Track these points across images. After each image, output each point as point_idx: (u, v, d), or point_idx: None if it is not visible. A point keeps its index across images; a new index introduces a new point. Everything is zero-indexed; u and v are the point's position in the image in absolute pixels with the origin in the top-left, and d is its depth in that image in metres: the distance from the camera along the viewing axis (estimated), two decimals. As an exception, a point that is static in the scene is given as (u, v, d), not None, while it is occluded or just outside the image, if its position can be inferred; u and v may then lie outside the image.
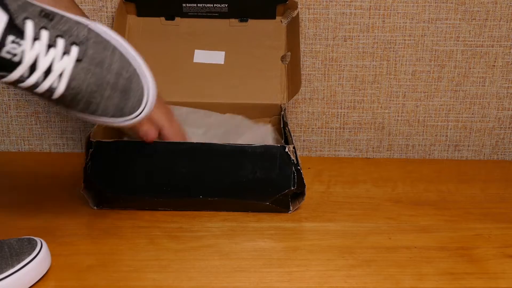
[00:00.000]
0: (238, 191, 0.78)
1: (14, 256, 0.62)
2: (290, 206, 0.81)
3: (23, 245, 0.64)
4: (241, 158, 0.77)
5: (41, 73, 0.56)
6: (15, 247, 0.64)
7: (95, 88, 0.60)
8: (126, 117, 0.64)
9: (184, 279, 0.65)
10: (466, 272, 0.67)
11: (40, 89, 0.57)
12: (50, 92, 0.58)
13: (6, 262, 0.62)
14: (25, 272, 0.62)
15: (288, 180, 0.78)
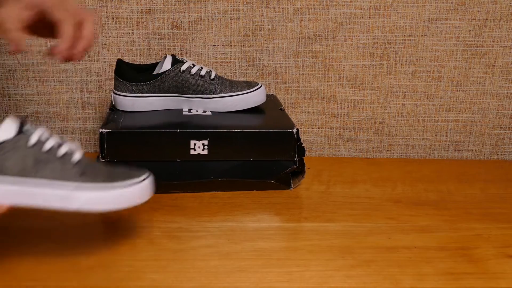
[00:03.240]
0: (246, 171, 0.86)
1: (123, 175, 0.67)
2: (292, 184, 0.87)
3: (132, 170, 0.69)
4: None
5: None
6: (125, 170, 0.69)
7: None
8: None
9: (184, 279, 0.65)
10: (466, 272, 0.67)
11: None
12: None
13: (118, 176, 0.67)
14: (132, 190, 0.67)
15: (291, 160, 0.86)
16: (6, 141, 0.64)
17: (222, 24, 0.99)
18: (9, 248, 0.70)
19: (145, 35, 0.99)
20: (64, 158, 0.65)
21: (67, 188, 0.64)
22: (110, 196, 0.66)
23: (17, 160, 0.63)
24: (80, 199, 0.64)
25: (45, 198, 0.64)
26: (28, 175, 0.63)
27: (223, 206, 0.82)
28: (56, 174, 0.64)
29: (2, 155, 0.63)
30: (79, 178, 0.65)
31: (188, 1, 0.98)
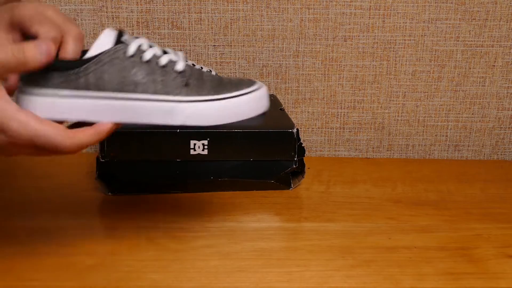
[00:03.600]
0: (246, 171, 0.85)
1: (234, 85, 0.62)
2: (292, 184, 0.87)
3: (243, 81, 0.64)
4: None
5: None
6: (234, 80, 0.64)
7: None
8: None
9: (184, 279, 0.65)
10: (466, 272, 0.67)
11: None
12: None
13: (226, 87, 0.62)
14: (240, 100, 0.62)
15: (290, 160, 0.86)
16: (104, 52, 0.58)
17: (222, 24, 0.99)
18: (9, 248, 0.70)
19: (145, 35, 0.99)
20: (166, 68, 0.60)
21: (170, 101, 0.59)
22: (217, 109, 0.60)
23: (116, 73, 0.58)
24: (184, 113, 0.59)
25: (147, 113, 0.59)
26: (128, 89, 0.59)
27: (223, 206, 0.82)
28: (158, 87, 0.59)
29: (99, 67, 0.58)
30: (183, 90, 0.60)
31: (188, 1, 0.98)
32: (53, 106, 0.58)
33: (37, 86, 0.58)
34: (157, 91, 0.59)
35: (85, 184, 0.88)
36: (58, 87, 0.58)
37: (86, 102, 0.58)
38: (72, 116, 0.58)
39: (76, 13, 0.97)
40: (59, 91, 0.58)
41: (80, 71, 0.58)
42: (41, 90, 0.58)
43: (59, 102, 0.58)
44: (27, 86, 0.58)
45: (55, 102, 0.58)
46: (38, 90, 0.58)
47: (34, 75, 0.57)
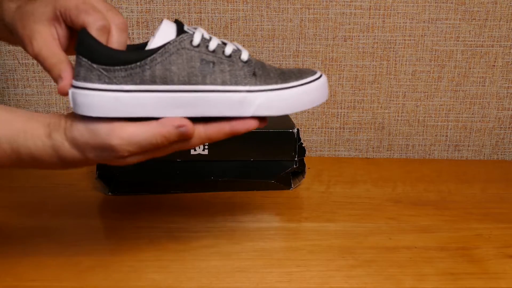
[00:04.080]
0: (246, 171, 0.86)
1: (297, 74, 0.60)
2: (292, 184, 0.87)
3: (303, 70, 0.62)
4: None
5: None
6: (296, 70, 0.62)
7: None
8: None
9: (184, 280, 0.65)
10: (466, 272, 0.67)
11: None
12: None
13: (290, 76, 0.60)
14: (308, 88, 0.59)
15: (291, 160, 0.86)
16: (170, 42, 0.55)
17: (222, 24, 0.99)
18: (10, 248, 0.70)
19: (145, 35, 0.99)
20: (232, 58, 0.57)
21: (240, 92, 0.57)
22: (286, 98, 0.58)
23: (183, 64, 0.55)
24: (254, 103, 0.57)
25: (216, 106, 0.56)
26: (196, 81, 0.56)
27: (223, 206, 0.82)
28: (226, 77, 0.57)
29: (166, 58, 0.55)
30: (251, 80, 0.57)
31: (188, 1, 0.98)
32: (117, 102, 0.54)
33: (97, 82, 0.54)
34: (225, 82, 0.56)
35: (85, 184, 0.88)
36: (121, 82, 0.54)
37: (152, 96, 0.55)
38: (137, 112, 0.55)
39: (76, 13, 0.97)
40: (123, 86, 0.55)
41: (145, 63, 0.54)
42: (102, 86, 0.54)
43: (123, 98, 0.55)
44: (85, 82, 0.54)
45: (119, 98, 0.54)
46: (99, 85, 0.54)
47: (93, 71, 0.54)
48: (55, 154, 0.56)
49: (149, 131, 0.54)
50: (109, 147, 0.54)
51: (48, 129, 0.56)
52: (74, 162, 0.57)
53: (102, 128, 0.54)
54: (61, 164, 0.58)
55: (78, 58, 0.55)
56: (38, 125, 0.57)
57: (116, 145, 0.54)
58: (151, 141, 0.55)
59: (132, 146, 0.54)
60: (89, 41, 0.54)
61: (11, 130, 0.56)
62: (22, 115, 0.58)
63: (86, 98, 0.54)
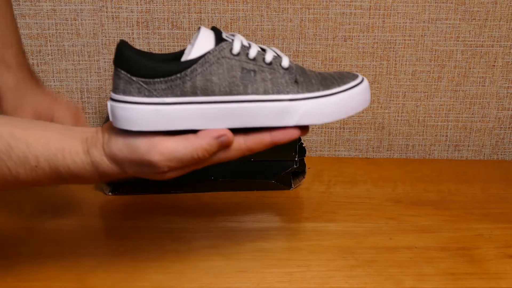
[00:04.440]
0: (246, 171, 0.86)
1: (338, 79, 0.58)
2: (292, 184, 0.87)
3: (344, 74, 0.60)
4: None
5: None
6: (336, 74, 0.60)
7: None
8: None
9: (185, 280, 0.65)
10: (466, 272, 0.67)
11: None
12: None
13: (332, 82, 0.58)
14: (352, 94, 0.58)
15: (291, 160, 0.86)
16: (209, 51, 0.53)
17: (222, 24, 0.99)
18: (10, 248, 0.70)
19: (145, 35, 0.99)
20: (273, 65, 0.56)
21: (283, 101, 0.55)
22: (330, 105, 0.56)
23: (224, 74, 0.53)
24: (297, 112, 0.55)
25: (259, 116, 0.54)
26: (237, 91, 0.54)
27: (223, 206, 0.82)
28: (268, 86, 0.55)
29: (207, 69, 0.53)
30: (293, 87, 0.56)
31: (188, 1, 0.98)
32: (157, 116, 0.53)
33: (137, 95, 0.53)
34: (267, 91, 0.55)
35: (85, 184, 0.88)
36: (161, 95, 0.53)
37: (194, 108, 0.54)
38: (178, 125, 0.54)
39: (76, 13, 0.97)
40: (163, 98, 0.53)
41: (186, 74, 0.53)
42: (142, 99, 0.53)
43: (163, 111, 0.53)
44: (125, 95, 0.53)
45: (160, 111, 0.53)
46: (139, 98, 0.53)
47: (132, 83, 0.53)
48: (95, 170, 0.56)
49: (189, 145, 0.53)
50: (149, 163, 0.53)
51: (85, 145, 0.56)
52: (113, 176, 0.57)
53: (142, 144, 0.53)
54: (100, 179, 0.57)
55: (116, 70, 0.53)
56: (75, 142, 0.56)
57: (157, 161, 0.53)
58: (192, 155, 0.54)
59: (172, 162, 0.54)
60: (128, 53, 0.53)
61: (49, 150, 0.55)
62: (57, 131, 0.57)
63: (125, 111, 0.53)
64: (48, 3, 0.96)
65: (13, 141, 0.54)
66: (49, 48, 0.99)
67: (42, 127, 0.57)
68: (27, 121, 0.58)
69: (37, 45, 0.99)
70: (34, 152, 0.54)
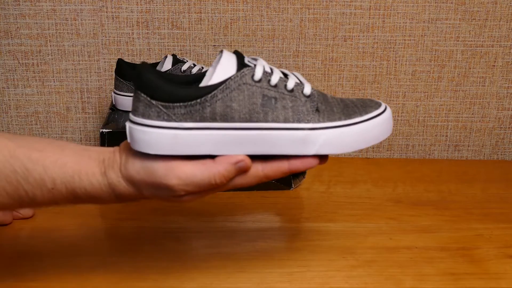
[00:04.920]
0: None
1: (361, 107, 0.57)
2: (292, 184, 0.87)
3: (367, 101, 0.59)
4: None
5: None
6: (358, 101, 0.59)
7: None
8: None
9: (185, 280, 0.65)
10: (467, 272, 0.67)
11: None
12: None
13: (354, 110, 0.57)
14: (374, 123, 0.57)
15: None
16: (231, 77, 0.53)
17: (222, 24, 0.99)
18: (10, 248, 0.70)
19: (145, 35, 0.99)
20: (295, 92, 0.55)
21: (303, 130, 0.54)
22: (351, 135, 0.55)
23: (245, 100, 0.53)
24: (317, 142, 0.54)
25: (278, 144, 0.54)
26: (257, 119, 0.53)
27: (223, 206, 0.82)
28: (289, 114, 0.54)
29: (227, 95, 0.53)
30: (314, 116, 0.55)
31: (188, 1, 0.97)
32: (176, 140, 0.53)
33: (156, 119, 0.53)
34: (287, 119, 0.54)
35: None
36: (180, 119, 0.53)
37: (213, 134, 0.53)
38: (196, 150, 0.53)
39: (76, 13, 0.97)
40: (182, 123, 0.53)
41: (206, 100, 0.53)
42: (161, 123, 0.53)
43: (182, 135, 0.53)
44: (144, 118, 0.53)
45: (178, 136, 0.53)
46: (158, 122, 0.53)
47: (152, 107, 0.53)
48: (112, 192, 0.56)
49: (207, 170, 0.53)
50: (166, 187, 0.53)
51: (102, 167, 0.55)
52: (130, 198, 0.57)
53: (160, 168, 0.53)
54: (117, 200, 0.57)
55: (136, 93, 0.53)
56: (92, 164, 0.56)
57: (174, 185, 0.53)
58: (210, 180, 0.53)
59: (189, 186, 0.53)
60: (148, 76, 0.53)
61: (66, 172, 0.55)
62: (73, 152, 0.56)
63: (144, 135, 0.53)
64: (48, 3, 0.96)
65: (31, 164, 0.54)
66: (49, 48, 0.99)
67: (59, 148, 0.57)
68: (44, 143, 0.57)
69: (37, 45, 0.99)
70: (51, 174, 0.54)
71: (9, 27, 0.97)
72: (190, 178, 0.53)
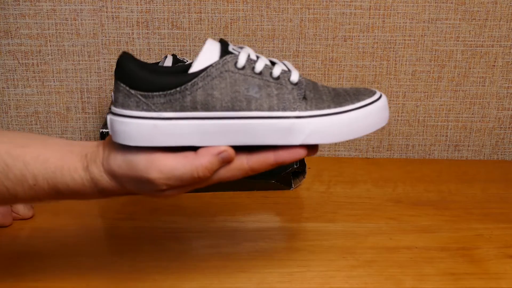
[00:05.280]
0: None
1: (353, 96, 0.55)
2: (292, 184, 0.87)
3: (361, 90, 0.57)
4: None
5: None
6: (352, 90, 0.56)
7: None
8: None
9: (185, 280, 0.65)
10: (467, 272, 0.67)
11: None
12: None
13: (345, 98, 0.54)
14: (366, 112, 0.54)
15: None
16: (212, 65, 0.51)
17: (222, 24, 0.99)
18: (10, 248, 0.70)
19: (145, 35, 0.99)
20: (281, 80, 0.53)
21: (288, 118, 0.52)
22: (340, 124, 0.53)
23: (227, 88, 0.51)
24: (304, 131, 0.52)
25: (262, 134, 0.52)
26: (240, 107, 0.52)
27: (223, 206, 0.82)
28: (273, 102, 0.52)
29: (208, 83, 0.51)
30: (301, 104, 0.53)
31: (188, 1, 0.97)
32: (155, 131, 0.51)
33: (135, 109, 0.51)
34: (272, 107, 0.52)
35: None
36: (160, 109, 0.51)
37: (194, 123, 0.52)
38: (177, 141, 0.52)
39: (76, 13, 0.97)
40: (162, 113, 0.51)
41: (186, 88, 0.51)
42: (140, 113, 0.52)
43: (162, 126, 0.51)
44: (123, 109, 0.52)
45: (158, 126, 0.51)
46: (137, 113, 0.52)
47: (131, 97, 0.51)
48: (94, 187, 0.55)
49: (189, 164, 0.51)
50: (148, 181, 0.52)
51: (85, 161, 0.55)
52: (114, 193, 0.56)
53: (141, 161, 0.52)
54: (101, 195, 0.56)
55: (116, 83, 0.52)
56: (74, 158, 0.55)
57: (155, 179, 0.52)
58: (192, 174, 0.52)
59: (171, 180, 0.52)
60: (128, 65, 0.52)
61: (47, 168, 0.54)
62: (56, 147, 0.56)
63: (123, 126, 0.52)
64: (48, 3, 0.96)
65: (11, 160, 0.53)
66: (49, 48, 0.99)
67: (42, 143, 0.56)
68: (27, 138, 0.56)
69: (37, 45, 0.99)
70: (32, 170, 0.54)
71: (9, 27, 0.97)
72: (172, 171, 0.52)
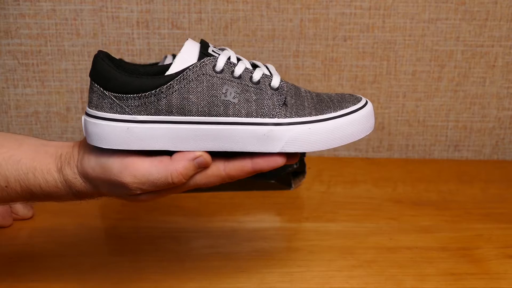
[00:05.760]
0: None
1: (337, 103, 0.53)
2: (292, 184, 0.87)
3: (347, 96, 0.55)
4: None
5: None
6: (338, 96, 0.55)
7: None
8: None
9: (185, 280, 0.65)
10: (467, 272, 0.67)
11: None
12: None
13: (328, 105, 0.53)
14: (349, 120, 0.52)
15: None
16: (189, 67, 0.50)
17: (222, 24, 0.99)
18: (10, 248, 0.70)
19: (145, 35, 0.99)
20: (260, 85, 0.51)
21: (267, 124, 0.51)
22: (321, 132, 0.51)
23: (203, 93, 0.50)
24: (283, 138, 0.51)
25: (239, 140, 0.51)
26: (216, 112, 0.50)
27: (223, 206, 0.82)
28: (252, 108, 0.51)
29: (184, 86, 0.50)
30: (280, 110, 0.51)
31: (188, 1, 0.97)
32: (129, 134, 0.50)
33: (109, 111, 0.50)
34: (250, 113, 0.51)
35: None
36: (134, 112, 0.50)
37: (168, 128, 0.50)
38: (151, 145, 0.51)
39: (76, 13, 0.97)
40: (136, 116, 0.50)
41: (161, 91, 0.50)
42: (113, 115, 0.50)
43: (135, 129, 0.50)
44: (97, 110, 0.51)
45: (131, 129, 0.50)
46: (111, 115, 0.50)
47: (105, 98, 0.50)
48: (69, 189, 0.54)
49: (163, 169, 0.50)
50: (121, 185, 0.51)
51: (59, 163, 0.54)
52: (88, 195, 0.55)
53: (114, 164, 0.51)
54: (75, 197, 0.55)
55: (91, 83, 0.51)
56: (48, 159, 0.54)
57: (129, 183, 0.51)
58: (167, 179, 0.50)
59: (145, 185, 0.51)
60: (102, 65, 0.51)
61: (19, 169, 0.53)
62: (30, 148, 0.54)
63: (97, 127, 0.51)
64: (48, 3, 0.96)
65: None
66: (49, 48, 0.99)
67: (16, 143, 0.55)
68: (2, 137, 0.55)
69: (37, 45, 0.99)
70: (4, 172, 0.53)
71: (9, 27, 0.97)
72: (146, 176, 0.50)
